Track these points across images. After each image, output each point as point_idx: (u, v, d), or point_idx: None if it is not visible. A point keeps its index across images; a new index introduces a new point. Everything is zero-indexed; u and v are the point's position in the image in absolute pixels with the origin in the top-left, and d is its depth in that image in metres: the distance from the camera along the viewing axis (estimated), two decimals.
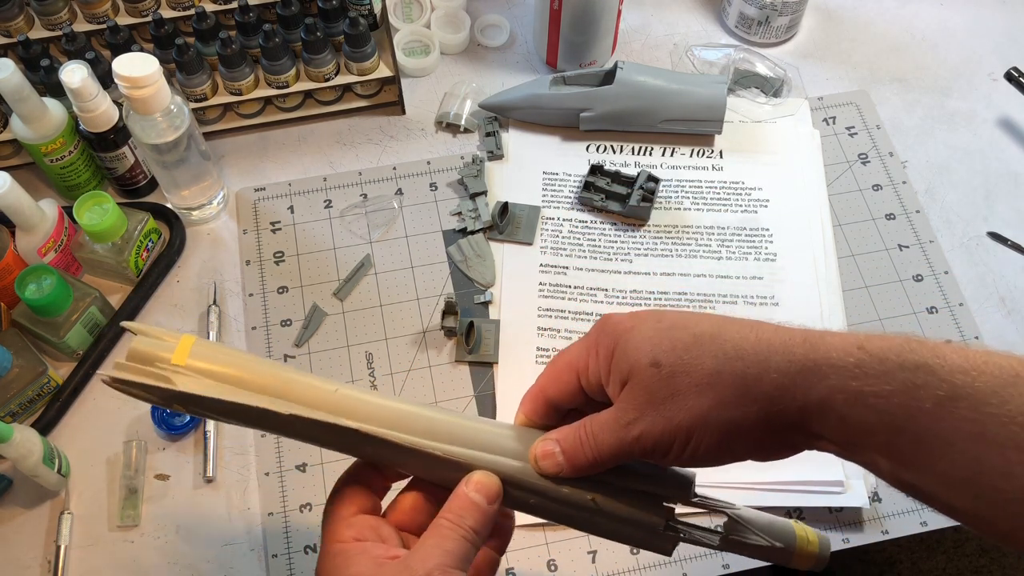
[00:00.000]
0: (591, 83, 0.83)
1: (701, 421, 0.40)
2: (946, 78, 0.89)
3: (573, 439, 0.43)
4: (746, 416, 0.39)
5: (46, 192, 0.81)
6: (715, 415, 0.40)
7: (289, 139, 0.85)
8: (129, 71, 0.65)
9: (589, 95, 0.81)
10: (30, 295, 0.67)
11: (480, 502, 0.43)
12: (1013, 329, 0.75)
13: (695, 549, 0.66)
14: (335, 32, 0.81)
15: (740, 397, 0.39)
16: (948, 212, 0.81)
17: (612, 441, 0.42)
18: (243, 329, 0.75)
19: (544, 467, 0.44)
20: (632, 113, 0.82)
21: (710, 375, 0.40)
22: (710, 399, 0.40)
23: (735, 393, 0.39)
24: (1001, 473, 0.35)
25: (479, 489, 0.43)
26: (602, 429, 0.42)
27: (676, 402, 0.40)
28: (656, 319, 0.43)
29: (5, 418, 0.68)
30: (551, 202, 0.81)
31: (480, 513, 0.43)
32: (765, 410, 0.39)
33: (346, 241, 0.79)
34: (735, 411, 0.39)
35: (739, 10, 0.88)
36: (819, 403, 0.38)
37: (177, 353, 0.44)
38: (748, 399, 0.39)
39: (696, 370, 0.40)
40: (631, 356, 0.42)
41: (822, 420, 0.39)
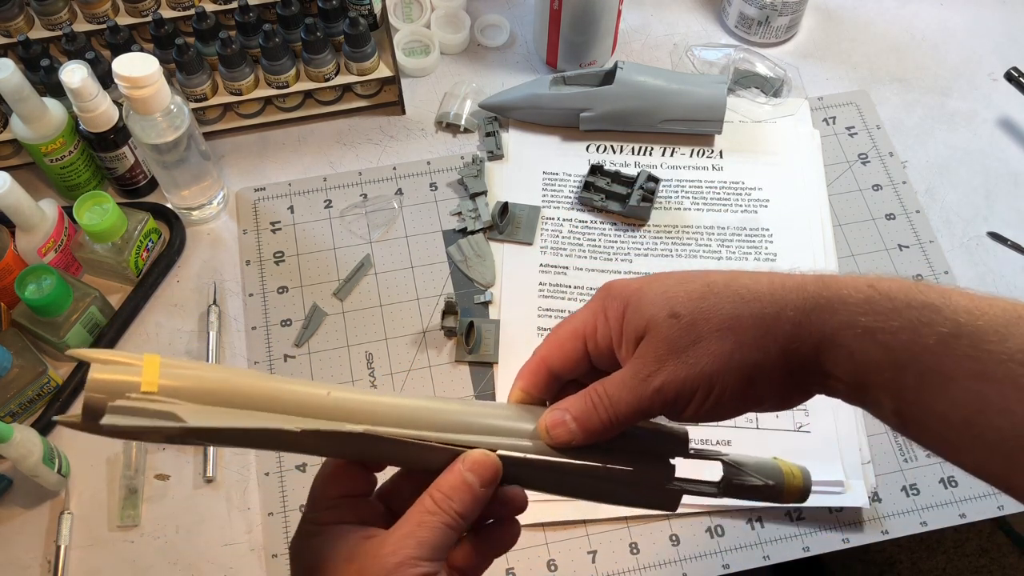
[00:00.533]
0: (591, 83, 0.83)
1: (724, 365, 0.39)
2: (946, 78, 0.89)
3: (584, 404, 0.42)
4: (767, 357, 0.39)
5: (46, 192, 0.81)
6: (738, 357, 0.39)
7: (289, 139, 0.85)
8: (129, 71, 0.65)
9: (589, 95, 0.81)
10: (30, 295, 0.67)
11: (473, 483, 0.40)
12: None
13: (695, 549, 0.66)
14: (335, 32, 0.81)
15: (760, 338, 0.39)
16: (948, 212, 0.81)
17: (630, 398, 0.41)
18: (243, 329, 0.75)
19: (556, 436, 0.42)
20: (632, 113, 0.82)
21: (730, 319, 0.40)
22: (731, 342, 0.39)
23: (755, 334, 0.39)
24: (998, 410, 0.35)
25: (474, 468, 0.41)
26: (618, 388, 0.41)
27: (698, 348, 0.40)
28: (664, 277, 0.43)
29: (5, 418, 0.68)
30: (551, 202, 0.81)
31: (470, 495, 0.40)
32: (784, 348, 0.39)
33: (346, 241, 0.79)
34: (757, 353, 0.39)
35: (739, 10, 0.88)
36: (831, 337, 0.38)
37: (146, 377, 0.37)
38: (768, 339, 0.39)
39: (715, 315, 0.40)
40: (646, 312, 0.41)
41: (834, 356, 0.39)
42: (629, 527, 0.67)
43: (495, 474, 0.41)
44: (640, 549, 0.66)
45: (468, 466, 0.41)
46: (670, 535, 0.67)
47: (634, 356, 0.42)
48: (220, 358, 0.73)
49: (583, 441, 0.42)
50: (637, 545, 0.66)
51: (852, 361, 0.38)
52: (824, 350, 0.39)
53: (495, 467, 0.41)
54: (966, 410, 0.36)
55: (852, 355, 0.38)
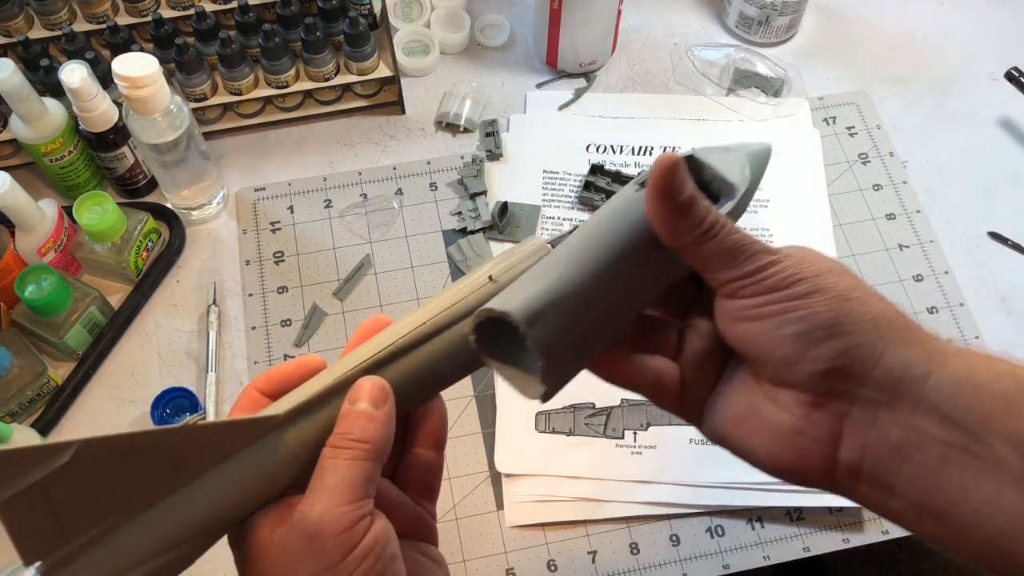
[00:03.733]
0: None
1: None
2: (946, 78, 0.89)
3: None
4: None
5: (46, 192, 0.81)
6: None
7: (289, 139, 0.85)
8: (129, 71, 0.65)
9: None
10: (30, 295, 0.67)
11: (363, 410, 0.36)
12: (1013, 329, 0.75)
13: (695, 549, 0.66)
14: (335, 32, 0.81)
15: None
16: (948, 212, 0.81)
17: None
18: (243, 329, 0.75)
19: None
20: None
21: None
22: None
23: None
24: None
25: (357, 396, 0.37)
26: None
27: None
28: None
29: (5, 418, 0.68)
30: (551, 201, 0.80)
31: (364, 419, 0.36)
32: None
33: (346, 241, 0.79)
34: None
35: (739, 10, 0.88)
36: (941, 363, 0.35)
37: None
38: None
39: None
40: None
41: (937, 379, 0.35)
42: (629, 527, 0.67)
43: (382, 391, 0.37)
44: (640, 549, 0.66)
45: (351, 398, 0.37)
46: (670, 535, 0.66)
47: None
48: (220, 358, 0.73)
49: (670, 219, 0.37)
50: (637, 545, 0.66)
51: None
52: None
53: (378, 386, 0.37)
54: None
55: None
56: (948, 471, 0.33)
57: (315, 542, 0.34)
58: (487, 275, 0.40)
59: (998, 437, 0.33)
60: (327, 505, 0.35)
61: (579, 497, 0.67)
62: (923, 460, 0.34)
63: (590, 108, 0.86)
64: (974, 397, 0.33)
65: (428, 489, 0.42)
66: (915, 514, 0.35)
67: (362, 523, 0.35)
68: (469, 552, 0.66)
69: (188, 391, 0.71)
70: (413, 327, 0.39)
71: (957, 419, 0.33)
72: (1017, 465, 0.32)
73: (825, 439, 0.35)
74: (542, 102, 0.87)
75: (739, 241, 0.36)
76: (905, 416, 0.34)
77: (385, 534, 0.36)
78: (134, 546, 0.35)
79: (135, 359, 0.74)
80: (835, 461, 0.36)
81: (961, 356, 0.35)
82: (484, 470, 0.69)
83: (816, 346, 0.34)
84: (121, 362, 0.73)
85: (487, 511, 0.67)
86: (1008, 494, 0.32)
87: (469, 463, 0.69)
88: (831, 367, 0.34)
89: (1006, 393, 0.33)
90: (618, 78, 0.89)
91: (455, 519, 0.67)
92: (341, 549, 0.34)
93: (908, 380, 0.34)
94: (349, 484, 0.35)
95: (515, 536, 0.67)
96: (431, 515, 0.43)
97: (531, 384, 0.37)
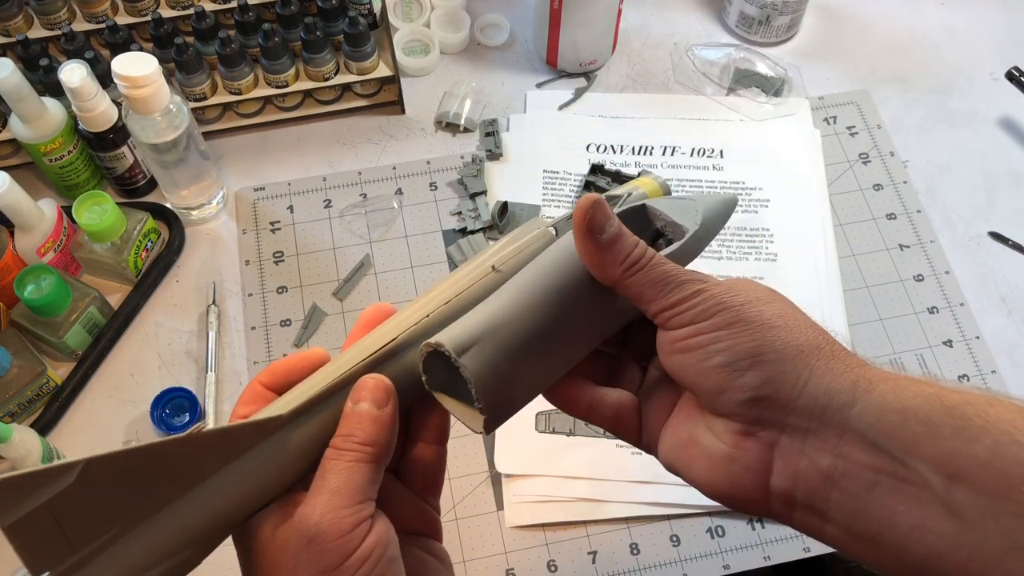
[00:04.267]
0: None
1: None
2: (947, 78, 0.89)
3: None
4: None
5: (45, 192, 0.81)
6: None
7: (289, 139, 0.85)
8: (128, 71, 0.65)
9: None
10: (29, 295, 0.67)
11: (365, 409, 0.37)
12: (1014, 329, 0.75)
13: (695, 549, 0.66)
14: (335, 31, 0.80)
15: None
16: (949, 212, 0.81)
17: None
18: (243, 329, 0.75)
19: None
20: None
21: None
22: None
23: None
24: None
25: (360, 396, 0.37)
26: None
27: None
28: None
29: (4, 418, 0.68)
30: (551, 201, 0.80)
31: (368, 420, 0.36)
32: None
33: (346, 241, 0.79)
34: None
35: (740, 9, 0.88)
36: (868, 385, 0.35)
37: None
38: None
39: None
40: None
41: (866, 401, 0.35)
42: (629, 527, 0.67)
43: (385, 391, 0.37)
44: (640, 550, 0.66)
45: (354, 397, 0.37)
46: (670, 535, 0.66)
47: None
48: (220, 358, 0.73)
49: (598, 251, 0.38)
50: (637, 546, 0.66)
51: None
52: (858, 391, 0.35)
53: (383, 382, 0.37)
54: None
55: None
56: (876, 496, 0.34)
57: (315, 544, 0.34)
58: (490, 265, 0.40)
59: (923, 461, 0.33)
60: (328, 508, 0.35)
61: (579, 497, 0.67)
62: (851, 486, 0.34)
63: (590, 108, 0.86)
64: (899, 422, 0.34)
65: (431, 484, 0.42)
66: (849, 539, 0.35)
67: (362, 527, 0.35)
68: (469, 552, 0.66)
69: (188, 391, 0.70)
70: (415, 320, 0.39)
71: (882, 445, 0.34)
72: (941, 488, 0.33)
73: (756, 467, 0.36)
74: (542, 102, 0.87)
75: (666, 272, 0.37)
76: (833, 443, 0.35)
77: (385, 537, 0.36)
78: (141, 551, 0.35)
79: (135, 359, 0.73)
80: (768, 488, 0.36)
81: (889, 382, 0.35)
82: (484, 470, 0.69)
83: (741, 375, 0.35)
84: (121, 362, 0.73)
85: (487, 511, 0.67)
86: (935, 517, 0.33)
87: (469, 463, 0.69)
88: (755, 396, 0.35)
89: (931, 417, 0.33)
90: (618, 78, 0.89)
91: (455, 519, 0.67)
92: (340, 553, 0.34)
93: (833, 408, 0.35)
94: (351, 487, 0.35)
95: (515, 536, 0.66)
96: (435, 510, 0.43)
97: (474, 416, 0.37)
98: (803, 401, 0.35)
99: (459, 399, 0.38)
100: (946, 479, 0.33)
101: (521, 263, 0.39)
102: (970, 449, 0.32)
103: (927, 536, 0.33)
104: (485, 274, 0.40)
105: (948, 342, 0.74)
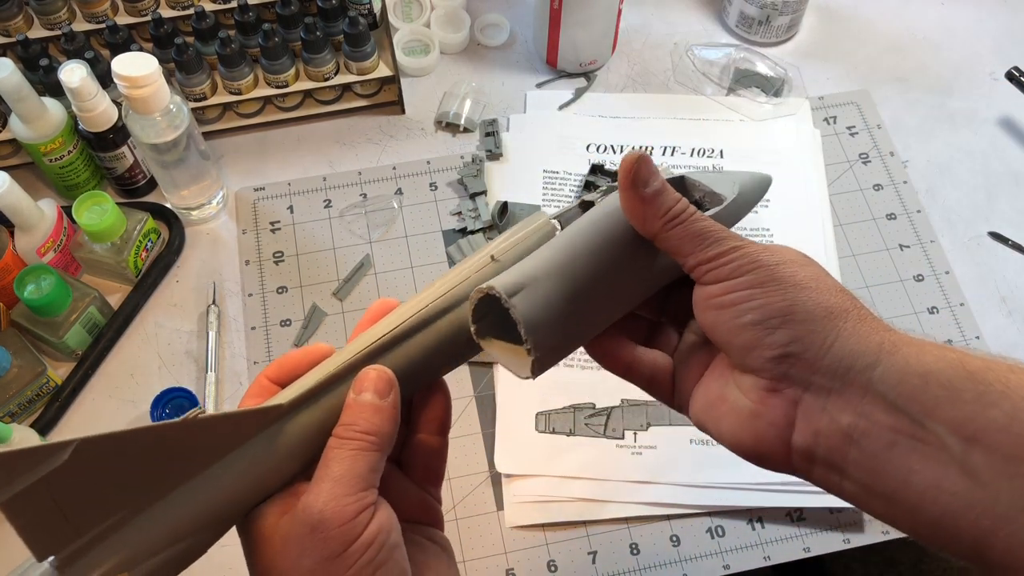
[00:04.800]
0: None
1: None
2: (947, 78, 0.89)
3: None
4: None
5: (45, 192, 0.81)
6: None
7: (288, 139, 0.85)
8: (128, 71, 0.65)
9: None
10: (29, 295, 0.67)
11: (368, 401, 0.37)
12: (1014, 329, 0.75)
13: (695, 550, 0.66)
14: (335, 31, 0.80)
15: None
16: (949, 212, 0.81)
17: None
18: (242, 329, 0.75)
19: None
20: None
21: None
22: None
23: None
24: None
25: (362, 387, 0.38)
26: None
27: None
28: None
29: (4, 418, 0.68)
30: (551, 201, 0.80)
31: (370, 410, 0.37)
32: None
33: (346, 241, 0.79)
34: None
35: (740, 9, 0.88)
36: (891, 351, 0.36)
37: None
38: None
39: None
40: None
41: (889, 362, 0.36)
42: (629, 527, 0.67)
43: (387, 381, 0.38)
44: (640, 550, 0.66)
45: (356, 389, 0.38)
46: (670, 535, 0.66)
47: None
48: (220, 358, 0.73)
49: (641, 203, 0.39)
50: (637, 546, 0.66)
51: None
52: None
53: (385, 373, 0.38)
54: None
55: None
56: (894, 456, 0.35)
57: (318, 532, 0.35)
58: (489, 255, 0.41)
59: (941, 423, 0.34)
60: (331, 496, 0.35)
61: (579, 497, 0.67)
62: (871, 445, 0.35)
63: (590, 108, 0.86)
64: (920, 385, 0.34)
65: (433, 474, 0.43)
66: (866, 496, 0.36)
67: (364, 514, 0.36)
68: (469, 552, 0.66)
69: (188, 391, 0.70)
70: (415, 311, 0.40)
71: (902, 406, 0.35)
72: (959, 450, 0.33)
73: (780, 423, 0.37)
74: (542, 102, 0.87)
75: (706, 227, 0.38)
76: (855, 403, 0.36)
77: (388, 524, 0.36)
78: (144, 538, 0.35)
79: (135, 359, 0.73)
80: (790, 444, 0.37)
81: (913, 346, 0.36)
82: (484, 470, 0.69)
83: (771, 333, 0.36)
84: (121, 362, 0.73)
85: (487, 511, 0.67)
86: (951, 477, 0.33)
87: (469, 463, 0.69)
88: (784, 353, 0.36)
89: (952, 381, 0.34)
90: (618, 78, 0.89)
91: (455, 519, 0.67)
92: (343, 539, 0.35)
93: (856, 369, 0.35)
94: (353, 475, 0.36)
95: (515, 536, 0.66)
96: (436, 499, 0.43)
97: (521, 360, 0.38)
98: (828, 361, 0.36)
99: (506, 345, 0.39)
100: (963, 441, 0.33)
101: (521, 253, 0.40)
102: (989, 413, 0.33)
103: (941, 495, 0.34)
104: (484, 264, 0.40)
105: (948, 342, 0.74)
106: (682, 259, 0.38)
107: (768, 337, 0.36)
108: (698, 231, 0.38)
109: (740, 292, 0.37)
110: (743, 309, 0.36)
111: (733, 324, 0.37)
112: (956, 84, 0.89)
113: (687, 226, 0.38)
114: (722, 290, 0.37)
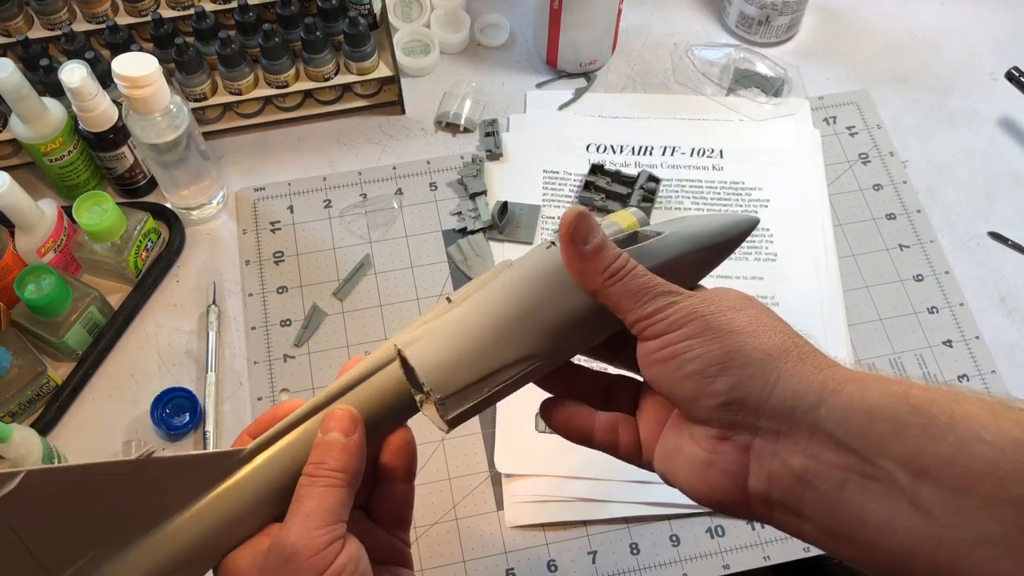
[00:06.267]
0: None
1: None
2: (947, 78, 0.89)
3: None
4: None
5: (45, 192, 0.81)
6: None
7: (289, 139, 0.85)
8: (128, 71, 0.65)
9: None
10: (29, 295, 0.67)
11: (334, 438, 0.39)
12: (1014, 329, 0.75)
13: (695, 549, 0.66)
14: (335, 32, 0.81)
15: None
16: (949, 212, 0.81)
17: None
18: (243, 329, 0.75)
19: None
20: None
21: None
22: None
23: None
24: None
25: (328, 427, 0.40)
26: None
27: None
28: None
29: (4, 418, 0.68)
30: (551, 201, 0.80)
31: (337, 448, 0.39)
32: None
33: (346, 241, 0.79)
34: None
35: (739, 9, 0.88)
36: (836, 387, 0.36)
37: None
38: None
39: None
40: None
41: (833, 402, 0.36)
42: (629, 527, 0.67)
43: (352, 420, 0.40)
44: (640, 549, 0.66)
45: (324, 428, 0.40)
46: (670, 535, 0.66)
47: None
48: (220, 358, 0.73)
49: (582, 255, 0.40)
50: (637, 545, 0.66)
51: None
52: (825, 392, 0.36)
53: (348, 411, 0.40)
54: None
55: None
56: (847, 495, 0.35)
57: (291, 563, 0.37)
58: (447, 297, 0.42)
59: (889, 459, 0.34)
60: (303, 529, 0.37)
61: (579, 497, 0.67)
62: (823, 486, 0.35)
63: (590, 108, 0.86)
64: (866, 422, 0.34)
65: (400, 520, 0.45)
66: (826, 538, 0.36)
67: (335, 545, 0.37)
68: (469, 552, 0.66)
69: (188, 391, 0.70)
70: (378, 357, 0.42)
71: (849, 444, 0.35)
72: (908, 485, 0.33)
73: (733, 469, 0.37)
74: (542, 102, 0.87)
75: (644, 284, 0.38)
76: (803, 444, 0.36)
77: (356, 554, 0.38)
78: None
79: (135, 359, 0.74)
80: (747, 490, 0.37)
81: (857, 382, 0.36)
82: (484, 470, 0.69)
83: (712, 382, 0.37)
84: (121, 362, 0.73)
85: (487, 511, 0.67)
86: (903, 514, 0.33)
87: (469, 463, 0.69)
88: (727, 400, 0.36)
89: (897, 416, 0.34)
90: (618, 78, 0.89)
91: (455, 519, 0.67)
92: (315, 569, 0.37)
93: (801, 409, 0.36)
94: (323, 510, 0.38)
95: (515, 536, 0.66)
96: (404, 543, 0.45)
97: (435, 411, 0.40)
98: (773, 404, 0.36)
99: (431, 404, 0.41)
100: (912, 476, 0.33)
101: (473, 291, 0.42)
102: (934, 446, 0.33)
103: (896, 532, 0.34)
104: (442, 307, 0.42)
105: (948, 342, 0.75)
106: (622, 315, 0.39)
107: (710, 386, 0.36)
108: (636, 287, 0.38)
109: (678, 345, 0.37)
110: (683, 361, 0.37)
111: (675, 376, 0.37)
112: (956, 84, 0.89)
113: (626, 282, 0.38)
114: (661, 344, 0.38)
